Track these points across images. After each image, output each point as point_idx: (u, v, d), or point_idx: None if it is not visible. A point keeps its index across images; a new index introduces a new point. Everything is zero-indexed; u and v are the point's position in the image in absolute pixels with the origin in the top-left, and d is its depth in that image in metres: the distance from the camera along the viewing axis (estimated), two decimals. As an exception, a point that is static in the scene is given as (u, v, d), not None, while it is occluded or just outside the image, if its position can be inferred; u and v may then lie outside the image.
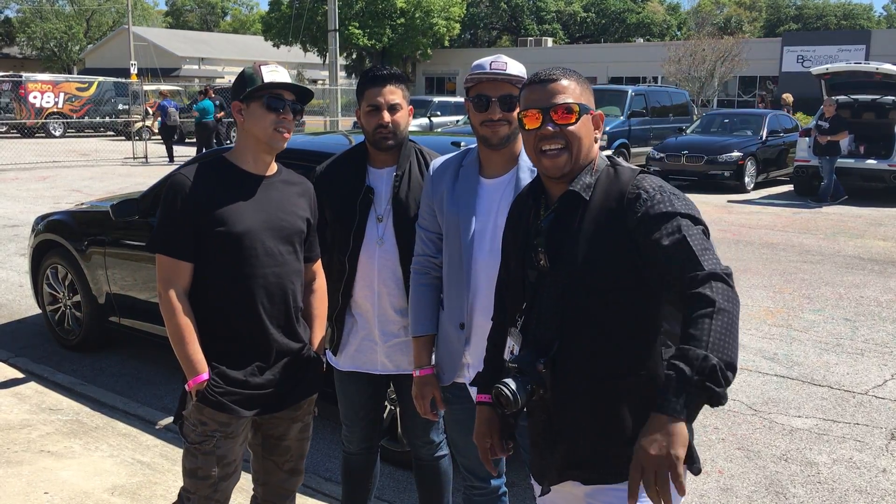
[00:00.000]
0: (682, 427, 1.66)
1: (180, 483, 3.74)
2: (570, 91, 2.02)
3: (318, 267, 2.84)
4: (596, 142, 2.08)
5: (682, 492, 1.69)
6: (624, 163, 2.07)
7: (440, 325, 2.70)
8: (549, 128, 1.99)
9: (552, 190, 2.08)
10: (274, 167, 2.67)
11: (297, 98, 2.58)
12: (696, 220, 1.88)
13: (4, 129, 29.07)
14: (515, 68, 2.51)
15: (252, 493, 2.91)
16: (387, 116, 2.78)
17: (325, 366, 2.80)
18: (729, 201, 14.92)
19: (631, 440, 1.87)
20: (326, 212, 2.95)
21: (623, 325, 1.95)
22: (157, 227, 2.55)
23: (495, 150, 2.55)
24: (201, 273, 2.53)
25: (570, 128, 1.99)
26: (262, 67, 2.54)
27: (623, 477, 1.92)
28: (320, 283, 2.83)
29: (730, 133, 17.54)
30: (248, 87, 2.52)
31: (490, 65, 2.48)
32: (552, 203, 2.07)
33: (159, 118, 22.43)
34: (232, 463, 2.59)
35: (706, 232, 1.88)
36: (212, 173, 2.55)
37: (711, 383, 1.65)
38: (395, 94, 2.80)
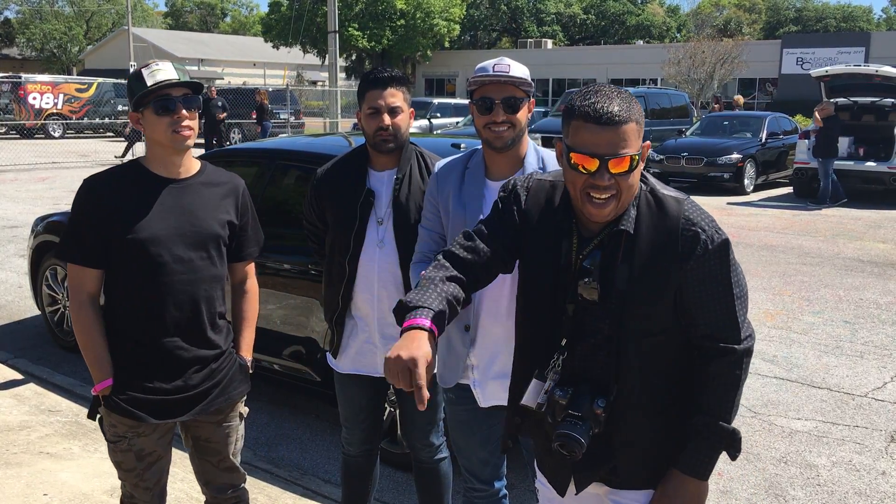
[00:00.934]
0: (705, 488, 1.88)
1: (178, 484, 3.76)
2: (632, 136, 1.83)
3: (250, 268, 2.78)
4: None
5: None
6: (659, 186, 1.97)
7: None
8: (605, 179, 1.82)
9: (588, 222, 1.95)
10: (194, 167, 2.60)
11: (191, 90, 2.47)
12: (737, 267, 1.93)
13: (4, 130, 29.08)
14: (519, 70, 2.51)
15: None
16: (387, 119, 2.78)
17: (250, 368, 2.77)
18: (728, 203, 14.92)
19: (666, 459, 1.98)
20: (327, 214, 2.95)
21: (674, 360, 1.94)
22: (63, 233, 2.53)
23: (500, 153, 2.55)
24: (113, 279, 2.52)
25: (626, 177, 1.84)
26: (142, 70, 2.45)
27: (652, 485, 2.00)
28: (251, 285, 2.79)
29: (729, 135, 17.53)
30: (135, 93, 2.44)
31: (493, 67, 2.48)
32: (587, 231, 1.96)
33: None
34: (152, 454, 2.63)
35: (741, 272, 1.95)
36: (123, 179, 2.52)
37: (735, 451, 1.89)
38: (395, 96, 2.80)
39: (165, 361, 2.54)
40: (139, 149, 21.76)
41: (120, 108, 30.38)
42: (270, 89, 27.43)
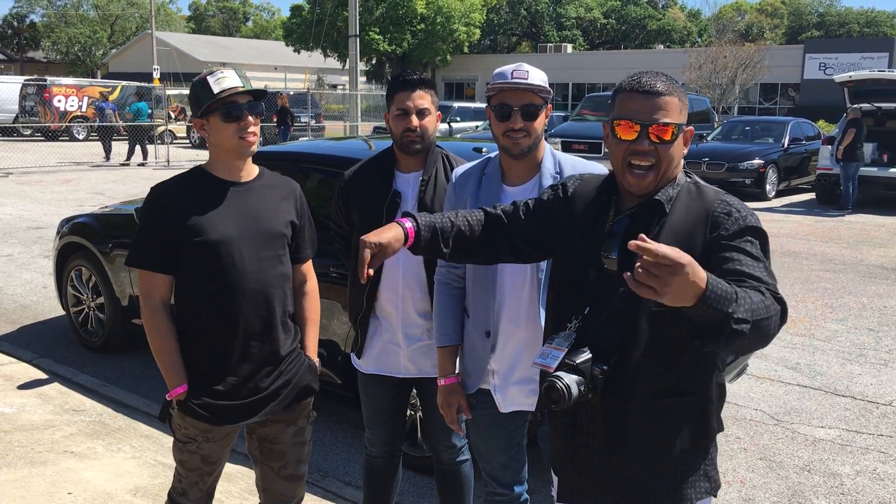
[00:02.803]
0: (702, 283, 1.56)
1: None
2: (673, 108, 1.93)
3: (308, 268, 2.81)
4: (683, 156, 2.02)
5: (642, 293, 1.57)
6: (702, 181, 2.03)
7: (465, 332, 2.71)
8: (645, 144, 1.91)
9: (627, 196, 2.02)
10: (254, 171, 2.66)
11: (253, 97, 2.53)
12: (767, 246, 1.91)
13: (29, 132, 29.41)
14: (537, 77, 2.51)
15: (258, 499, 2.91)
16: (415, 121, 2.80)
17: (318, 368, 2.82)
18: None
19: (682, 461, 1.94)
20: (354, 215, 2.97)
21: (686, 344, 1.88)
22: (134, 241, 2.57)
23: (517, 159, 2.56)
24: (182, 284, 2.56)
25: (666, 147, 1.92)
26: (208, 78, 2.50)
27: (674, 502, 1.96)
28: (311, 286, 2.82)
29: (751, 140, 17.44)
30: (202, 100, 2.49)
31: (512, 73, 2.48)
32: (625, 206, 2.02)
33: (97, 119, 23.89)
34: (217, 462, 2.67)
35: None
36: (188, 184, 2.57)
37: (737, 325, 1.61)
38: (424, 98, 2.82)
39: (239, 363, 2.57)
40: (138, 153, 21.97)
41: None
42: (291, 93, 27.61)
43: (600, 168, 2.57)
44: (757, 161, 15.99)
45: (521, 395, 2.65)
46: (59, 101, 29.27)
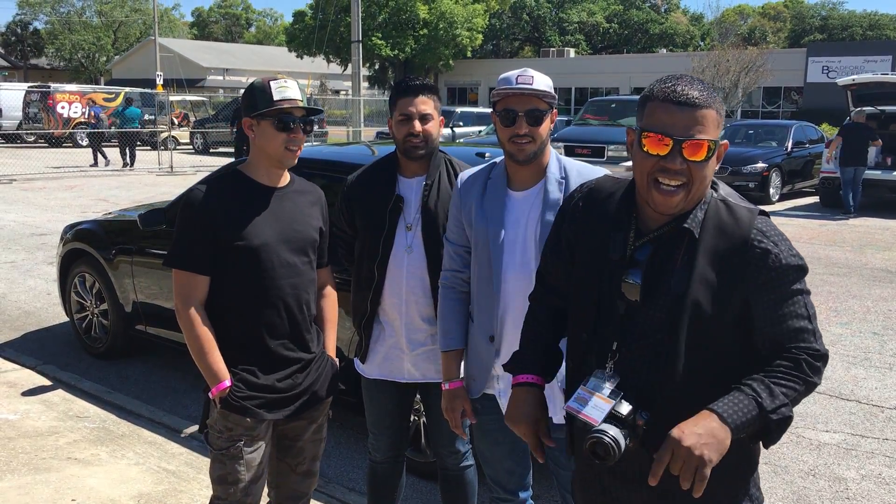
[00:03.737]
0: (726, 435, 1.65)
1: (205, 491, 3.78)
2: (710, 122, 1.74)
3: (328, 272, 2.89)
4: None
5: (696, 494, 1.65)
6: (733, 195, 1.86)
7: (470, 337, 2.70)
8: (677, 163, 1.72)
9: (649, 212, 1.84)
10: (287, 177, 2.71)
11: (307, 112, 2.59)
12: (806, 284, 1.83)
13: (33, 138, 29.48)
14: (542, 82, 2.50)
15: (267, 498, 2.93)
16: (418, 126, 2.81)
17: (338, 367, 2.87)
18: (753, 213, 14.78)
19: (730, 493, 1.88)
20: (357, 220, 2.98)
21: (724, 377, 1.77)
22: (174, 241, 2.59)
23: (522, 165, 2.55)
24: (219, 285, 2.58)
25: (699, 166, 1.73)
26: (271, 83, 2.54)
27: None
28: (331, 289, 2.90)
29: (754, 144, 17.42)
30: (259, 103, 2.53)
31: (517, 79, 2.48)
32: (645, 227, 1.85)
33: (92, 122, 24.31)
34: (259, 466, 2.65)
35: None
36: (227, 187, 2.60)
37: (777, 430, 1.71)
38: (426, 104, 2.83)
39: (273, 363, 2.62)
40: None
41: (147, 116, 30.74)
42: (294, 98, 27.57)
43: (606, 174, 2.56)
44: (760, 165, 15.98)
45: (525, 400, 2.64)
46: (63, 107, 29.33)
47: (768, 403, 1.67)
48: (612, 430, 1.73)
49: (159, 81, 38.33)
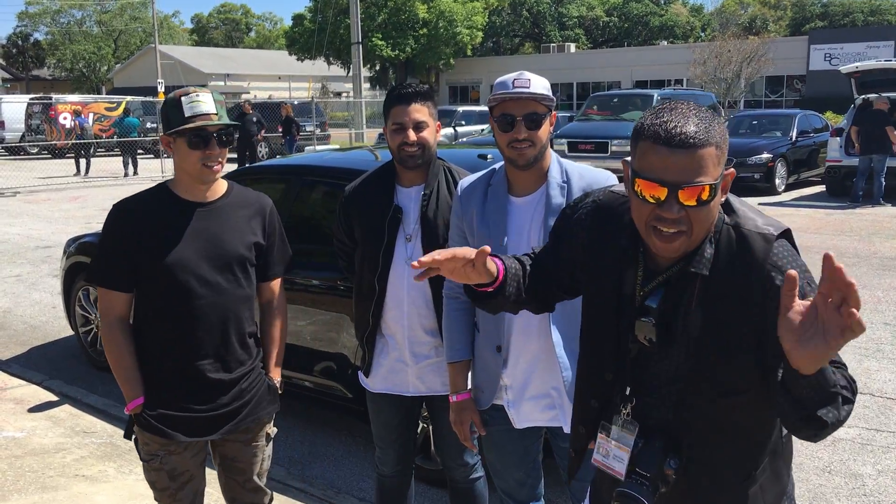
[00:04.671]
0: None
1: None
2: (710, 162, 1.55)
3: (277, 286, 2.79)
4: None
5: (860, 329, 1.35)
6: (748, 219, 1.67)
7: (476, 348, 2.66)
8: (674, 211, 1.57)
9: (658, 252, 1.69)
10: (221, 189, 2.63)
11: (225, 125, 2.50)
12: None
13: (36, 150, 29.52)
14: (540, 85, 2.45)
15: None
16: (412, 135, 2.74)
17: (279, 389, 2.79)
18: (760, 204, 14.70)
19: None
20: (356, 231, 2.93)
21: (750, 419, 1.68)
22: (94, 257, 2.59)
23: (523, 170, 2.51)
24: (141, 302, 2.57)
25: (699, 210, 1.58)
26: (182, 99, 2.46)
27: None
28: (279, 304, 2.80)
29: (759, 134, 17.32)
30: (172, 120, 2.46)
31: (513, 83, 2.43)
32: (654, 264, 1.73)
33: (78, 134, 24.42)
34: (185, 473, 2.66)
35: None
36: (151, 203, 2.57)
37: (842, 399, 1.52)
38: (420, 111, 2.76)
39: (195, 382, 2.57)
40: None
41: (149, 125, 30.75)
42: (296, 102, 27.63)
43: (608, 176, 2.51)
44: (765, 155, 15.89)
45: (535, 410, 2.60)
46: (65, 118, 29.35)
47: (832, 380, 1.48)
48: (640, 494, 1.66)
49: (161, 89, 38.35)
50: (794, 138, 16.70)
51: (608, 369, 1.80)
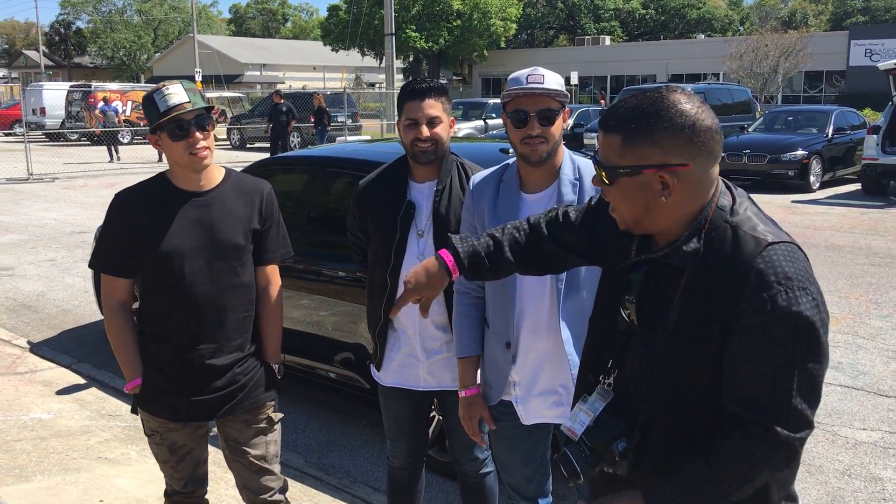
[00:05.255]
0: None
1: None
2: (608, 147, 1.66)
3: (273, 271, 2.82)
4: (669, 200, 1.63)
5: None
6: (750, 219, 1.63)
7: (486, 343, 2.67)
8: (596, 181, 1.73)
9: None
10: (217, 177, 2.68)
11: (203, 109, 2.53)
12: (817, 348, 1.54)
13: (75, 137, 30.03)
14: (554, 81, 2.45)
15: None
16: (425, 131, 2.75)
17: (278, 373, 2.84)
18: (793, 201, 14.51)
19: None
20: (368, 226, 2.95)
21: (710, 426, 1.64)
22: (96, 244, 2.69)
23: (535, 167, 2.51)
24: (143, 286, 2.66)
25: (607, 189, 1.70)
26: (155, 95, 2.52)
27: None
28: (274, 290, 2.82)
29: (794, 131, 17.06)
30: (152, 118, 2.53)
31: (527, 78, 2.43)
32: (648, 242, 1.74)
33: (102, 122, 24.66)
34: (184, 447, 2.77)
35: (821, 356, 1.55)
36: (149, 192, 2.64)
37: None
38: (434, 107, 2.77)
39: (190, 367, 2.65)
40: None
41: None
42: (328, 92, 27.76)
43: None
44: (800, 152, 15.64)
45: (543, 407, 2.61)
46: (117, 104, 29.76)
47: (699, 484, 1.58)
48: (575, 459, 1.72)
49: (198, 78, 38.72)
50: (830, 135, 16.41)
51: (605, 345, 1.82)
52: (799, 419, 1.54)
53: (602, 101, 29.11)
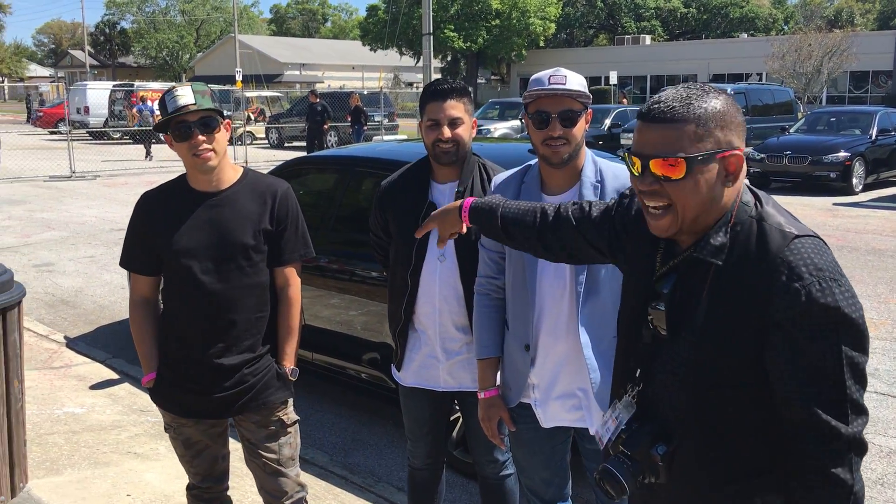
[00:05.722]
0: None
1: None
2: (682, 138, 1.56)
3: (290, 273, 2.79)
4: (731, 187, 1.62)
5: None
6: (774, 215, 1.62)
7: (505, 345, 2.65)
8: (647, 182, 1.60)
9: (652, 231, 1.71)
10: (232, 177, 2.70)
11: (210, 111, 2.56)
12: (859, 335, 1.53)
13: (118, 135, 30.56)
14: (576, 82, 2.43)
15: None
16: (447, 132, 2.75)
17: (290, 374, 2.81)
18: (834, 204, 14.23)
19: None
20: (390, 226, 2.96)
21: (755, 418, 1.62)
22: (124, 242, 2.81)
23: (557, 168, 2.49)
24: (163, 287, 2.76)
25: (674, 186, 1.58)
26: (165, 97, 2.57)
27: None
28: (292, 292, 2.79)
29: (836, 132, 16.74)
30: (161, 120, 2.59)
31: (549, 79, 2.41)
32: (672, 249, 1.71)
33: (138, 121, 25.19)
34: (199, 442, 2.82)
35: (864, 342, 1.54)
36: (169, 193, 2.72)
37: None
38: (456, 108, 2.76)
39: (199, 366, 2.69)
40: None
41: (226, 112, 31.46)
42: (365, 92, 27.88)
43: None
44: (842, 154, 15.34)
45: (562, 410, 2.59)
46: (154, 104, 30.28)
47: None
48: (619, 472, 1.67)
49: (238, 77, 39.20)
50: (873, 136, 16.07)
51: (631, 354, 1.79)
52: (858, 410, 1.53)
53: (624, 101, 28.75)
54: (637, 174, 1.63)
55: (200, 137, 2.55)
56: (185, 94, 2.54)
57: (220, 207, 2.65)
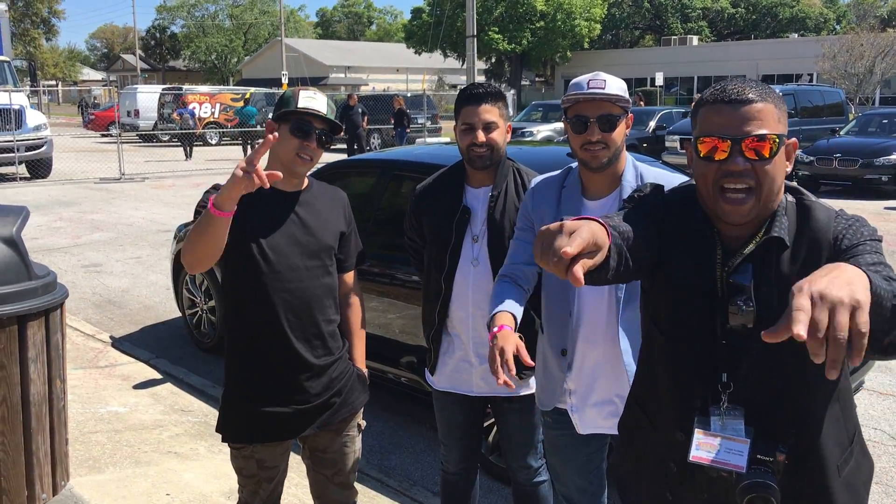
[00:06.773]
0: (865, 281, 1.29)
1: (293, 489, 3.86)
2: (770, 117, 1.62)
3: (352, 278, 2.82)
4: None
5: (856, 360, 1.21)
6: (809, 195, 1.72)
7: (540, 349, 2.62)
8: (740, 164, 1.60)
9: (724, 227, 1.70)
10: (306, 181, 2.70)
11: (330, 128, 2.57)
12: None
13: (167, 138, 31.13)
14: (615, 86, 2.40)
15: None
16: (481, 136, 2.73)
17: (367, 379, 2.81)
18: (886, 208, 13.86)
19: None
20: (425, 230, 2.95)
21: (836, 392, 1.66)
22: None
23: (596, 173, 2.46)
24: (233, 289, 2.62)
25: (764, 165, 1.61)
26: (300, 92, 2.57)
27: None
28: (354, 296, 2.83)
29: (889, 134, 16.30)
30: (283, 108, 2.56)
31: (588, 83, 2.38)
32: (728, 241, 1.71)
33: (180, 123, 25.82)
34: (274, 467, 2.71)
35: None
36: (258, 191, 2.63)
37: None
38: (490, 112, 2.74)
39: (286, 367, 2.60)
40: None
41: (270, 115, 31.84)
42: (408, 94, 27.97)
43: (685, 182, 2.43)
44: (894, 156, 14.94)
45: (599, 417, 2.55)
46: (194, 108, 30.80)
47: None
48: (770, 480, 1.62)
49: (284, 80, 39.65)
50: (928, 139, 15.63)
51: (707, 361, 1.72)
52: None
53: (640, 103, 28.22)
54: (718, 158, 1.62)
55: (315, 145, 2.56)
56: (320, 101, 2.57)
57: (302, 207, 2.65)
